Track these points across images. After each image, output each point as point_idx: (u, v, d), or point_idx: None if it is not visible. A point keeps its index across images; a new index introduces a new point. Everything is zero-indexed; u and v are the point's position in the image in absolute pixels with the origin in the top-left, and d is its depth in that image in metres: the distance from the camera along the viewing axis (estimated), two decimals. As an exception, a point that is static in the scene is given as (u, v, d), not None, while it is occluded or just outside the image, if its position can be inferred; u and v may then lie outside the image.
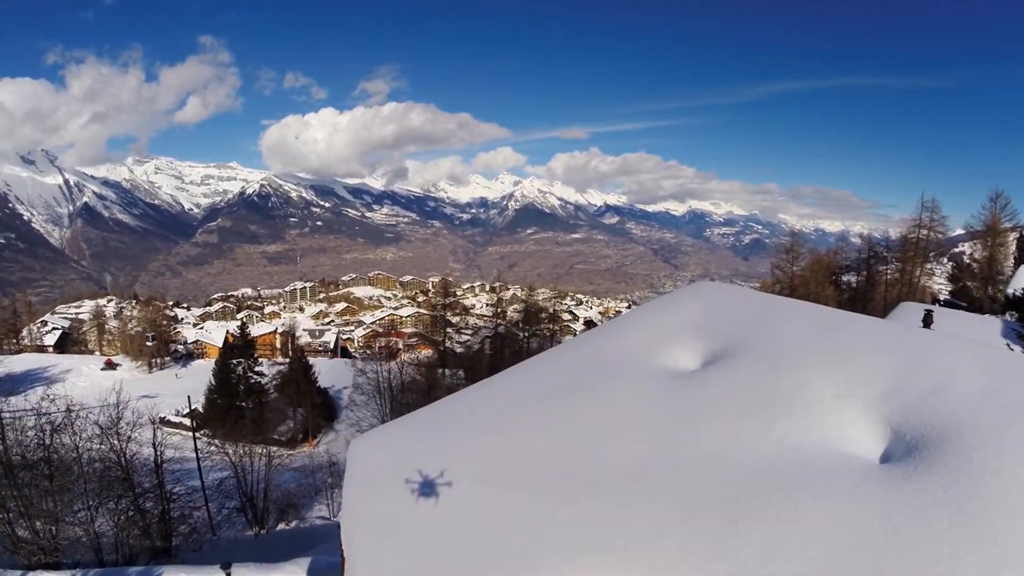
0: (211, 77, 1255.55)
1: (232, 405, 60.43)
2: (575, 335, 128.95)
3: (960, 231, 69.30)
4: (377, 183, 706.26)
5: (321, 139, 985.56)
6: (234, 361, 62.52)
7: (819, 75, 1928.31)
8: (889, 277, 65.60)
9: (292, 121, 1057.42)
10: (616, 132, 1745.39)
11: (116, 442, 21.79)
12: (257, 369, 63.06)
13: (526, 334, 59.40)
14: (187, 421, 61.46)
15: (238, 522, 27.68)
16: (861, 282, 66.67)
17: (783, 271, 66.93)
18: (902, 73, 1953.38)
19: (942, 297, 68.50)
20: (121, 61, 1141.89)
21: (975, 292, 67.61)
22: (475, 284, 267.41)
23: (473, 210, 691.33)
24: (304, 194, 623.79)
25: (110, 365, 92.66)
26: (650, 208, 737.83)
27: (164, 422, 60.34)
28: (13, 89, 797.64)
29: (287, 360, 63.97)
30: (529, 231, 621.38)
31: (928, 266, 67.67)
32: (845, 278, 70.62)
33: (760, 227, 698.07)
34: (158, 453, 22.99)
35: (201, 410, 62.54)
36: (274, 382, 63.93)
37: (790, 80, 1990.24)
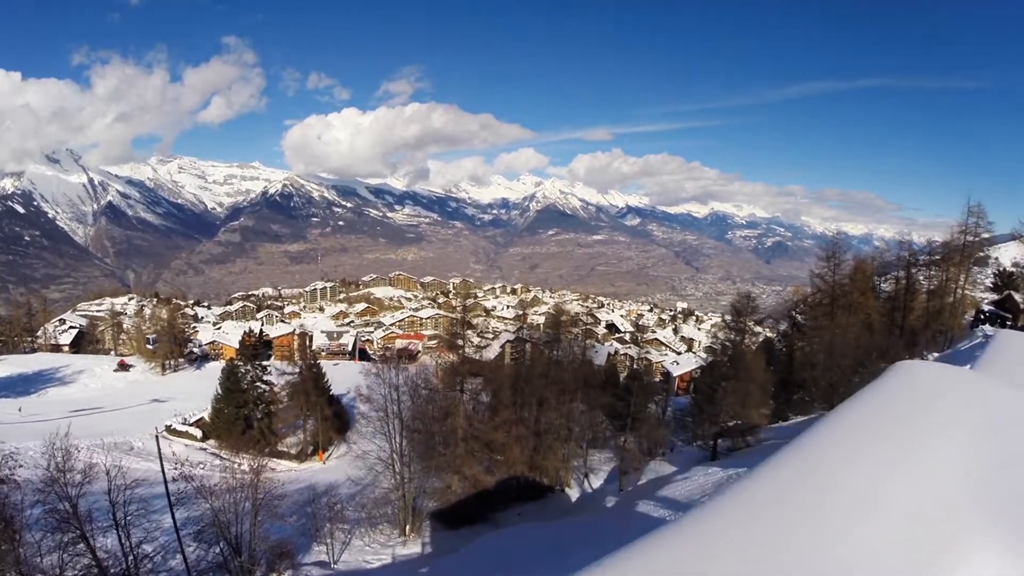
0: (235, 77, 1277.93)
1: (239, 415, 57.40)
2: (599, 341, 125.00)
3: (985, 235, 65.03)
4: (399, 183, 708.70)
5: (343, 139, 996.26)
6: (243, 368, 59.43)
7: (846, 76, 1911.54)
8: (930, 286, 61.29)
9: (315, 121, 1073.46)
10: (640, 133, 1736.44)
11: (66, 496, 18.36)
12: (265, 378, 59.88)
13: (549, 340, 56.06)
14: (193, 430, 58.80)
15: (221, 574, 24.42)
16: (900, 290, 62.33)
17: (824, 280, 62.26)
18: (930, 74, 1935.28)
19: (985, 308, 64.54)
20: (146, 61, 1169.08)
21: (1021, 303, 63.32)
22: (496, 285, 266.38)
23: (494, 211, 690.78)
24: (326, 194, 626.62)
25: (123, 366, 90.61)
26: (672, 210, 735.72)
27: (170, 431, 57.96)
28: (39, 89, 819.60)
29: (297, 370, 60.61)
30: (550, 232, 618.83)
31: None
32: (884, 286, 66.50)
33: (782, 229, 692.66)
34: (117, 510, 19.39)
35: (207, 419, 59.76)
36: (284, 391, 60.73)
37: (817, 81, 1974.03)
